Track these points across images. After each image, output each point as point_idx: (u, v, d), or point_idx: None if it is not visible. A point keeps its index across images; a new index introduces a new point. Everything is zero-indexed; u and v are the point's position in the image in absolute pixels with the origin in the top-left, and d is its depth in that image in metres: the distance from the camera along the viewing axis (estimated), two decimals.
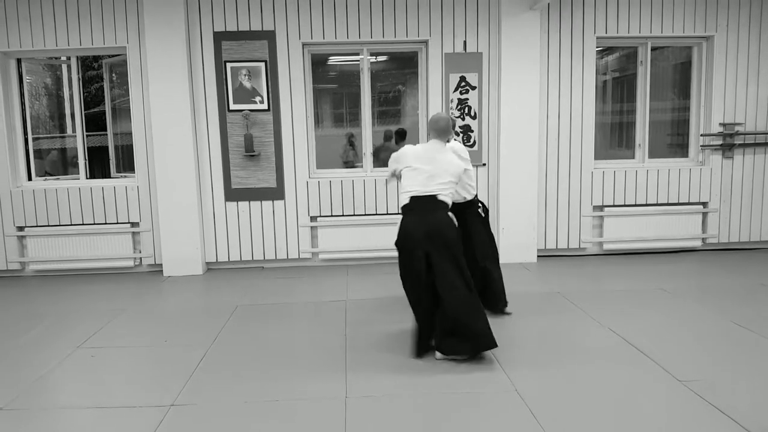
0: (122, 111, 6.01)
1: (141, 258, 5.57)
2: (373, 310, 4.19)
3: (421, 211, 3.19)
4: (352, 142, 6.14)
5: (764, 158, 5.83)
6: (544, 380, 2.99)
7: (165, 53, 5.21)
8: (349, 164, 6.09)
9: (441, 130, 3.30)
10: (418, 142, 3.81)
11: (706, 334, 3.59)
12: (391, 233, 5.56)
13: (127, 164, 5.89)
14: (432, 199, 3.19)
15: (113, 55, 5.68)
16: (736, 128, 5.74)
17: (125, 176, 5.83)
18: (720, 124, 5.74)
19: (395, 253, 5.49)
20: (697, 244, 5.83)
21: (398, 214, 5.61)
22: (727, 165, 5.81)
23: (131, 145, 5.47)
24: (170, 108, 5.26)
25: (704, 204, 5.84)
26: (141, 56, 5.30)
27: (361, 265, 5.63)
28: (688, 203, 5.80)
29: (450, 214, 3.27)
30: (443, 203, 3.21)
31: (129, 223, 5.50)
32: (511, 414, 2.64)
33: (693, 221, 5.79)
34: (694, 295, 4.43)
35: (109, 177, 5.95)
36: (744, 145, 5.77)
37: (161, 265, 5.51)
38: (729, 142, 5.74)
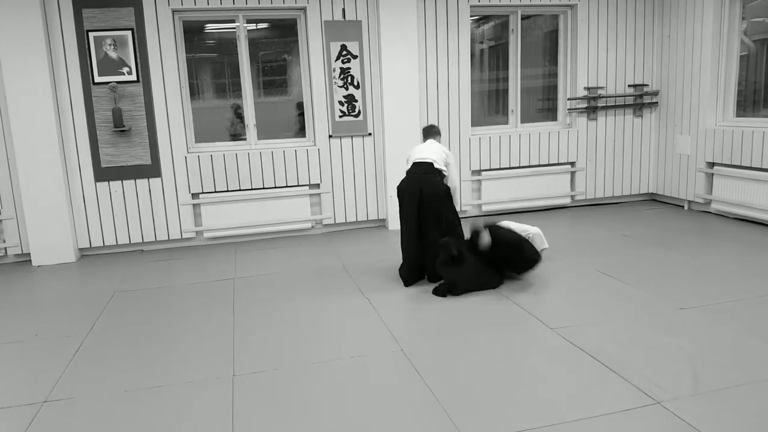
0: None
1: (6, 248, 5.14)
2: (262, 287, 4.18)
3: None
4: (239, 114, 5.94)
5: (624, 119, 6.40)
6: (427, 339, 3.19)
7: (16, 22, 4.69)
8: (237, 137, 5.92)
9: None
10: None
11: (575, 284, 3.93)
12: (281, 207, 5.62)
13: None
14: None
15: None
16: (599, 92, 6.23)
17: None
18: (585, 88, 6.20)
19: (286, 227, 5.59)
20: (567, 201, 6.36)
21: (287, 187, 5.61)
22: (591, 126, 6.31)
23: None
24: (27, 83, 4.80)
25: (572, 164, 6.34)
26: None
27: (251, 242, 5.57)
28: (558, 164, 6.28)
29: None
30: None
31: None
32: (397, 371, 2.82)
33: (563, 180, 6.29)
34: (565, 248, 4.78)
35: None
36: (606, 108, 6.29)
37: (29, 254, 5.13)
38: (593, 105, 6.23)
